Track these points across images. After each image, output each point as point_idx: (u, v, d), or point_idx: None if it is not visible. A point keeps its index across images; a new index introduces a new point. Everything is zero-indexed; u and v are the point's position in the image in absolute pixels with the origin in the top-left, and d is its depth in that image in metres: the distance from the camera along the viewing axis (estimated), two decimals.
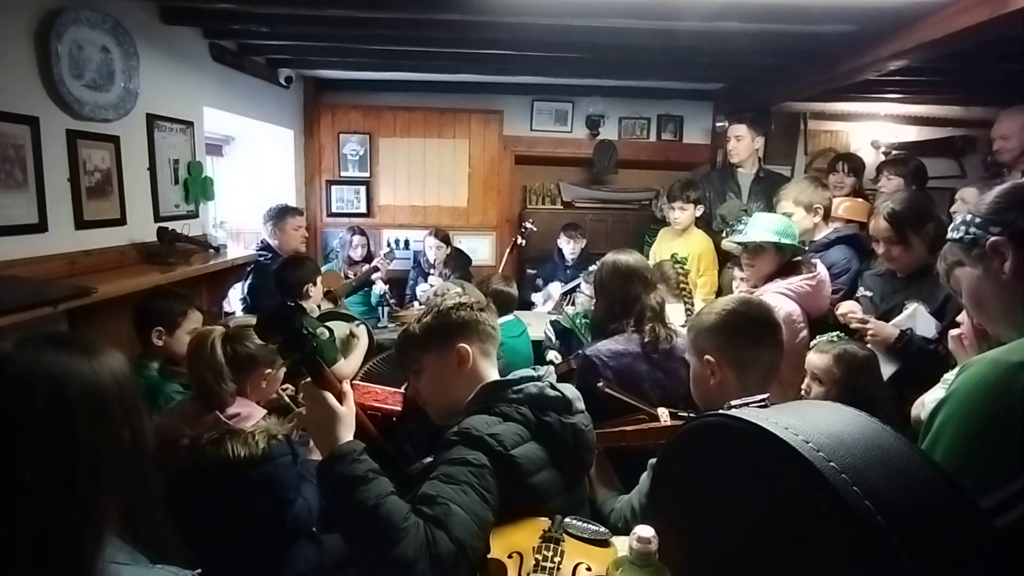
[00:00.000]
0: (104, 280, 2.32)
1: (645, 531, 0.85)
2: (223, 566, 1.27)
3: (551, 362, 2.90)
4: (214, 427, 1.61)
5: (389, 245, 4.86)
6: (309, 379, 1.16)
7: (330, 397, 1.15)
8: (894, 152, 4.81)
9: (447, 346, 1.37)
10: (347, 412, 1.17)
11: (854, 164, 3.45)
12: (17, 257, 2.13)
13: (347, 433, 1.14)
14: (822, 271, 2.38)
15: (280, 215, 3.61)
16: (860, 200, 3.13)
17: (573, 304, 3.89)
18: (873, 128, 5.13)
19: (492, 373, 1.40)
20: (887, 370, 2.03)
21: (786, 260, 2.36)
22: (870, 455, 0.65)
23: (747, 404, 0.79)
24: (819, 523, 0.64)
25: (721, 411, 0.81)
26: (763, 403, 0.78)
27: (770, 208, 3.04)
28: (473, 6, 2.58)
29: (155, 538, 0.99)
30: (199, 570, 0.94)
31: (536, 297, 4.54)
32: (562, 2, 2.56)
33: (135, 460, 0.88)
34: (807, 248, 2.54)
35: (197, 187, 3.32)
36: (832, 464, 0.63)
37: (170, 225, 2.95)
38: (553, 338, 3.14)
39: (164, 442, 1.56)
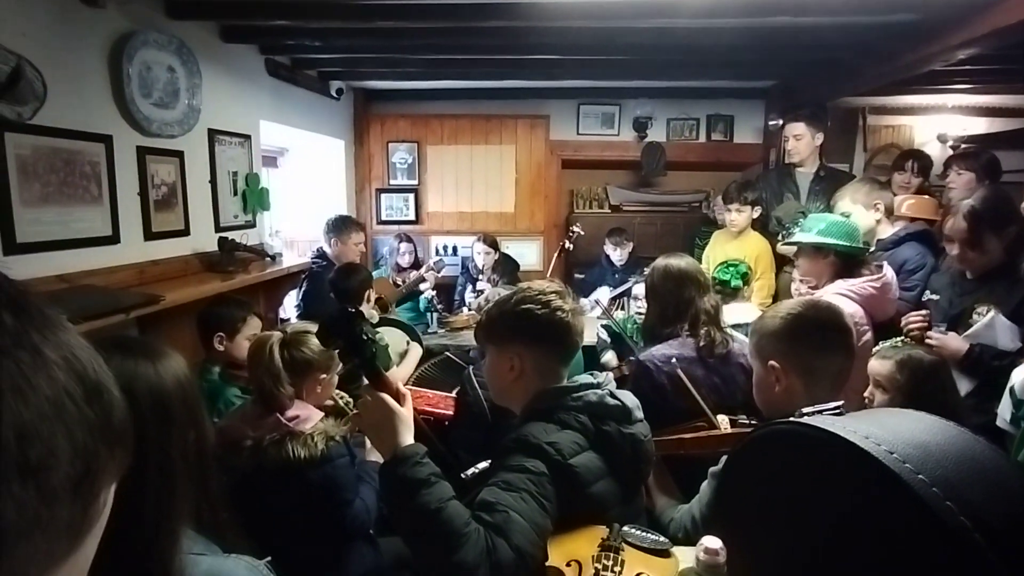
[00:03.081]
0: (170, 288, 2.43)
1: (712, 542, 0.83)
2: (284, 565, 1.31)
3: (605, 364, 2.87)
4: (275, 429, 1.66)
5: (438, 253, 4.91)
6: (368, 382, 1.17)
7: (389, 399, 1.16)
8: (963, 146, 4.56)
9: (504, 347, 1.36)
10: (406, 414, 1.17)
11: (923, 163, 3.28)
12: (93, 268, 2.25)
13: (408, 435, 1.14)
14: (888, 273, 2.27)
15: (343, 227, 3.67)
16: (926, 197, 2.98)
17: (623, 309, 3.84)
18: (939, 121, 4.89)
19: (553, 380, 1.36)
20: (964, 385, 1.91)
21: (846, 262, 2.26)
22: (963, 467, 0.61)
23: (820, 411, 0.75)
24: (907, 539, 0.60)
25: (792, 418, 0.77)
26: (838, 411, 0.74)
27: (831, 209, 2.92)
28: (520, 12, 2.59)
29: (220, 534, 1.02)
30: (268, 558, 0.96)
31: (584, 302, 4.50)
32: (610, 4, 2.54)
33: (200, 459, 0.91)
34: (871, 249, 2.42)
35: (254, 198, 3.43)
36: (921, 476, 0.59)
37: (229, 235, 3.06)
38: (607, 339, 3.10)
39: (228, 444, 1.61)
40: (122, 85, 2.36)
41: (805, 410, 0.76)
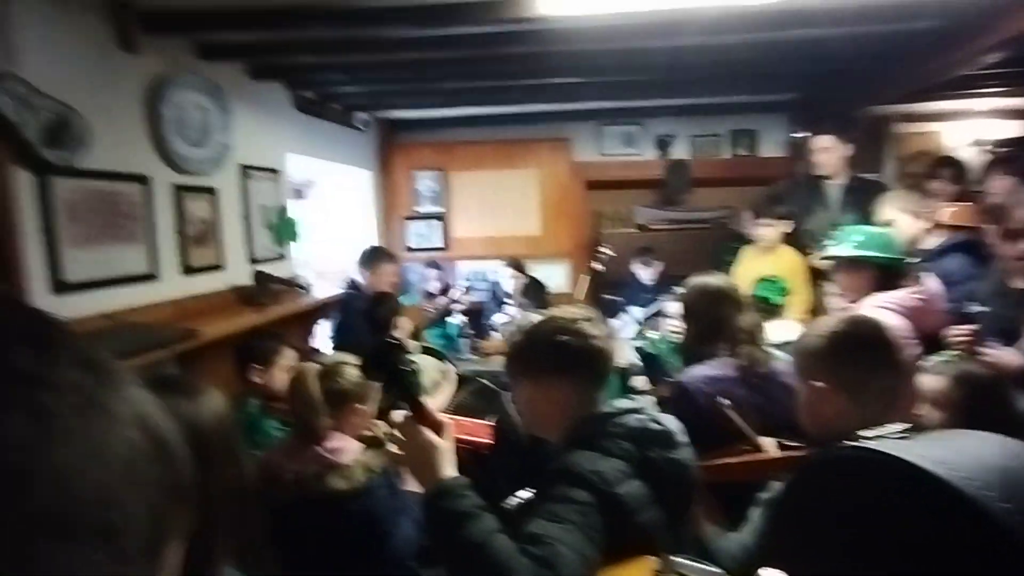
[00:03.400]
0: (207, 322, 2.47)
1: (770, 574, 0.79)
2: None
3: (632, 389, 2.82)
4: (315, 461, 1.66)
5: (468, 280, 4.93)
6: (409, 414, 1.16)
7: (428, 432, 1.15)
8: (1000, 149, 4.44)
9: (537, 379, 1.34)
10: (447, 445, 1.16)
11: (957, 170, 3.20)
12: (134, 305, 2.30)
13: (449, 467, 1.13)
14: (933, 284, 2.20)
15: (374, 258, 3.70)
16: (968, 204, 2.89)
17: (656, 329, 3.79)
18: (970, 126, 4.78)
19: (591, 407, 1.33)
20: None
21: (887, 275, 2.19)
22: None
23: (883, 436, 0.72)
24: (987, 571, 0.57)
25: (855, 443, 0.74)
26: (903, 434, 0.71)
27: (865, 220, 2.86)
28: (540, 38, 2.62)
29: (261, 571, 1.01)
30: None
31: (615, 323, 4.45)
32: (625, 26, 2.55)
33: (239, 496, 0.91)
34: (915, 259, 2.34)
35: (284, 230, 3.50)
36: (1007, 505, 0.55)
37: (262, 267, 3.11)
38: (639, 362, 3.05)
39: (269, 477, 1.62)
40: (158, 126, 2.44)
41: (866, 434, 0.73)
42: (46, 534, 0.23)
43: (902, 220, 2.52)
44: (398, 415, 1.16)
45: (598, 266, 4.36)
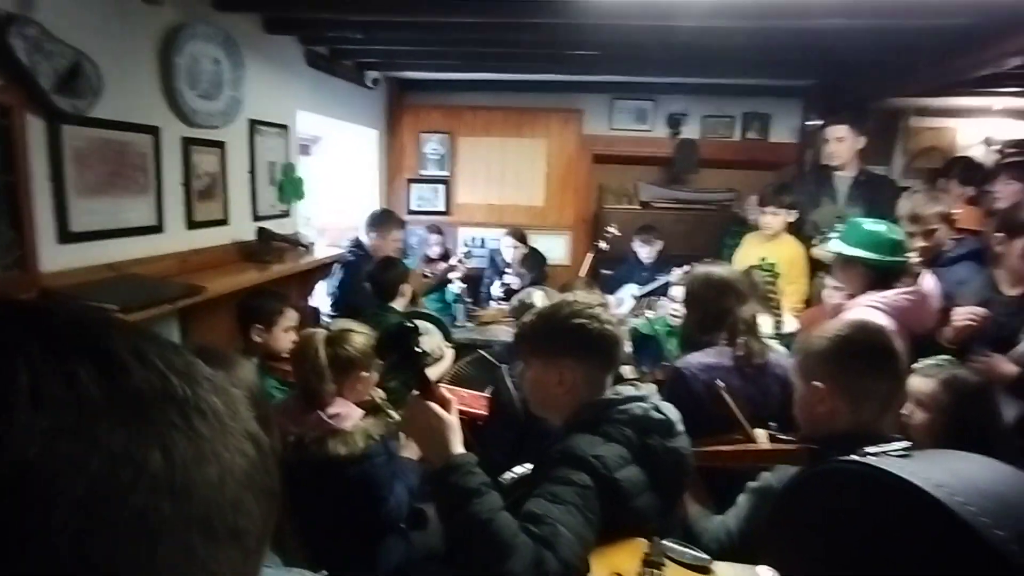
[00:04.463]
0: (210, 278, 2.47)
1: (766, 573, 0.83)
2: (322, 558, 1.35)
3: (622, 376, 2.85)
4: (317, 426, 1.70)
5: (467, 245, 4.93)
6: (417, 392, 1.19)
7: (438, 408, 1.18)
8: (1009, 150, 4.43)
9: (552, 361, 1.36)
10: (455, 421, 1.19)
11: (974, 174, 3.17)
12: (139, 256, 2.30)
13: (457, 443, 1.16)
14: (928, 284, 2.21)
15: (384, 222, 3.68)
16: (972, 208, 2.91)
17: (651, 308, 3.82)
18: (984, 124, 4.75)
19: (599, 391, 1.37)
20: (1012, 409, 1.86)
21: (880, 273, 2.21)
22: None
23: (885, 452, 0.75)
24: None
25: (859, 458, 0.77)
26: (904, 452, 0.73)
27: (871, 214, 2.86)
28: (568, 10, 2.56)
29: (282, 545, 1.05)
30: (325, 573, 0.99)
31: (610, 299, 4.48)
32: (652, 4, 2.50)
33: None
34: (918, 258, 2.33)
35: (290, 187, 3.48)
36: (999, 532, 0.59)
37: (266, 224, 3.10)
38: (628, 348, 3.09)
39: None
40: (171, 77, 2.40)
41: (869, 450, 0.76)
42: (201, 535, 0.28)
43: (913, 228, 2.47)
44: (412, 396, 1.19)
45: (603, 244, 4.36)
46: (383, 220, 3.70)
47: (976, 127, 4.77)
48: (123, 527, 0.25)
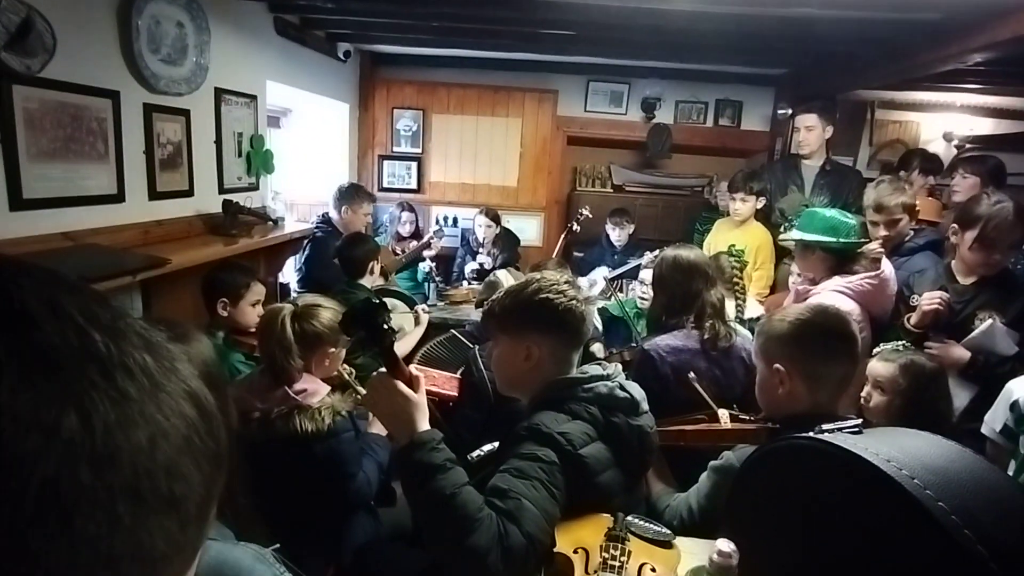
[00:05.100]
0: (174, 250, 2.41)
1: (726, 545, 0.86)
2: (289, 535, 1.34)
3: (593, 355, 2.89)
4: (283, 402, 1.68)
5: (439, 223, 4.89)
6: (384, 369, 1.19)
7: (403, 386, 1.18)
8: (968, 145, 4.57)
9: (519, 337, 1.37)
10: (421, 399, 1.19)
11: (933, 166, 3.27)
12: (98, 226, 2.23)
13: (423, 420, 1.16)
14: (887, 269, 2.29)
15: (353, 196, 3.62)
16: (931, 199, 3.00)
17: (621, 291, 3.86)
18: (946, 119, 4.89)
19: (566, 368, 1.38)
20: (965, 393, 1.94)
21: (839, 258, 2.28)
22: (980, 495, 0.64)
23: (840, 429, 0.78)
24: (923, 561, 0.64)
25: (814, 435, 0.80)
26: (857, 429, 0.76)
27: (836, 203, 2.93)
28: None
29: (235, 518, 1.04)
30: (277, 545, 0.99)
31: (581, 282, 4.51)
32: None
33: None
34: (879, 247, 2.40)
35: (259, 160, 3.39)
36: (941, 504, 0.62)
37: (232, 197, 3.02)
38: (600, 328, 3.12)
39: (237, 414, 1.63)
40: (131, 39, 2.30)
41: (825, 427, 0.79)
42: (128, 504, 0.26)
43: (877, 217, 2.53)
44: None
45: (575, 226, 4.37)
46: (352, 194, 3.64)
47: (939, 122, 4.91)
48: (30, 499, 0.23)
